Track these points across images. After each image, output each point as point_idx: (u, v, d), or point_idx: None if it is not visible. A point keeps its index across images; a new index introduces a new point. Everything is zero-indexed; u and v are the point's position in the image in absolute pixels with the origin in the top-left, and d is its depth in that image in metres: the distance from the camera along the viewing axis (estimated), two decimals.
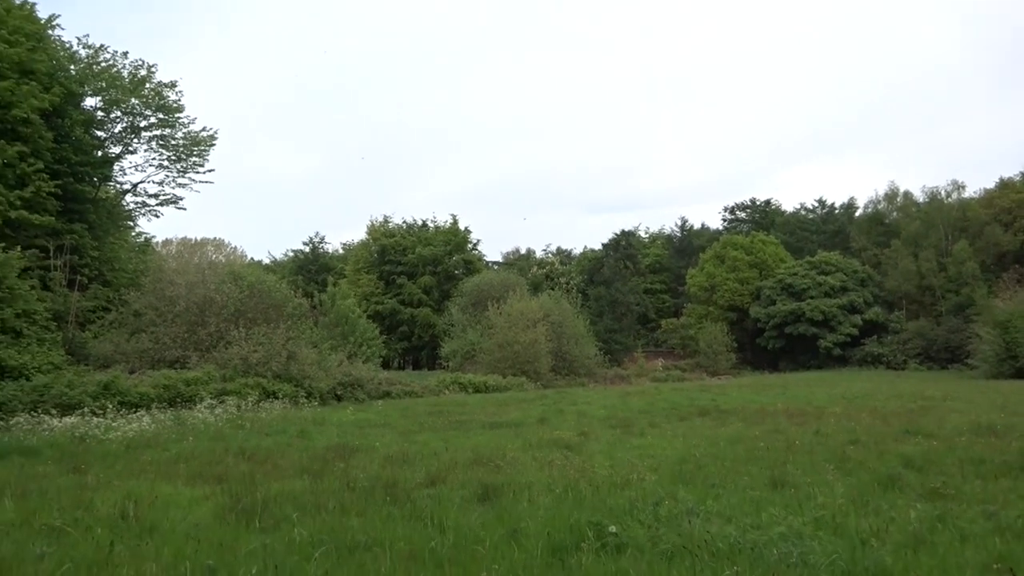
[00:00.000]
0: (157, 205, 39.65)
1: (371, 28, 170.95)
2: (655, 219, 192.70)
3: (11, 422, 16.98)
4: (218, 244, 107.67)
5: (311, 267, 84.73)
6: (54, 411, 19.02)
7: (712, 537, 5.63)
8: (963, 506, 7.16)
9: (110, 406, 20.11)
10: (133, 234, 47.93)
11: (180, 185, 38.96)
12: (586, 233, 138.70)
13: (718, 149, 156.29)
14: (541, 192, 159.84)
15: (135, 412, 20.46)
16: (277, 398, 26.29)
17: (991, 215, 65.34)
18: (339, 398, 30.46)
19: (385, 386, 34.13)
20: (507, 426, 19.22)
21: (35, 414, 18.29)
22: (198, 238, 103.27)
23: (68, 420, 16.85)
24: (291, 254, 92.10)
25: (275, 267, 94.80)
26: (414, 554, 5.31)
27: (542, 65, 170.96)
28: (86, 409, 18.82)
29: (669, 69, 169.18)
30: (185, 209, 44.88)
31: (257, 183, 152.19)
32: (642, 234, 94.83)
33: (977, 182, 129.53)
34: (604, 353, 59.77)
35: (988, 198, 68.11)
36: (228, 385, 25.75)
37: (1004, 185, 69.10)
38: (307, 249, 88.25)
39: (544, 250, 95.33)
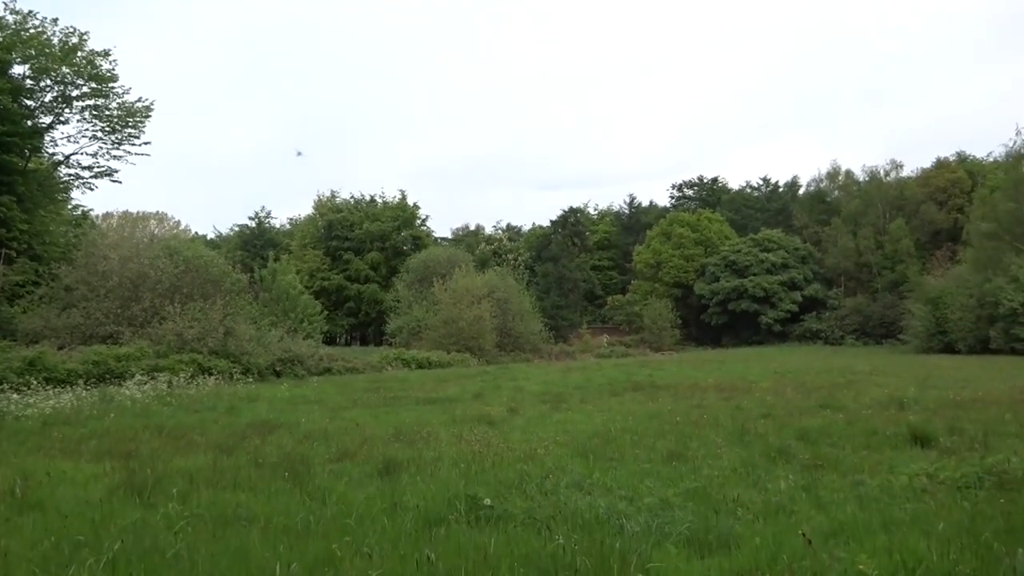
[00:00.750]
0: (91, 177, 38.53)
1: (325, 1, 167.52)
2: (607, 196, 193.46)
3: None
4: (160, 218, 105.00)
5: (256, 242, 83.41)
6: None
7: (582, 509, 5.80)
8: (835, 476, 7.48)
9: (34, 382, 19.67)
10: (70, 207, 46.66)
11: (115, 157, 37.90)
12: (539, 210, 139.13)
13: (670, 128, 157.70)
14: (494, 169, 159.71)
15: (61, 388, 20.13)
16: (213, 374, 25.96)
17: (927, 194, 67.26)
18: (278, 374, 30.24)
19: (326, 362, 33.97)
20: (441, 402, 19.32)
21: None
22: (140, 212, 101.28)
23: None
24: (236, 229, 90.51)
25: (220, 242, 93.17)
26: (287, 527, 5.37)
27: (497, 42, 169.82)
28: (5, 385, 18.38)
29: (624, 49, 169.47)
30: (120, 182, 43.81)
31: (204, 157, 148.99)
32: (591, 211, 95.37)
33: (914, 162, 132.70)
34: (550, 329, 60.19)
35: (924, 177, 70.05)
36: (161, 361, 25.35)
37: (940, 165, 71.09)
38: (252, 224, 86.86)
39: (495, 227, 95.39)
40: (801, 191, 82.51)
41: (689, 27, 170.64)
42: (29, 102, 34.79)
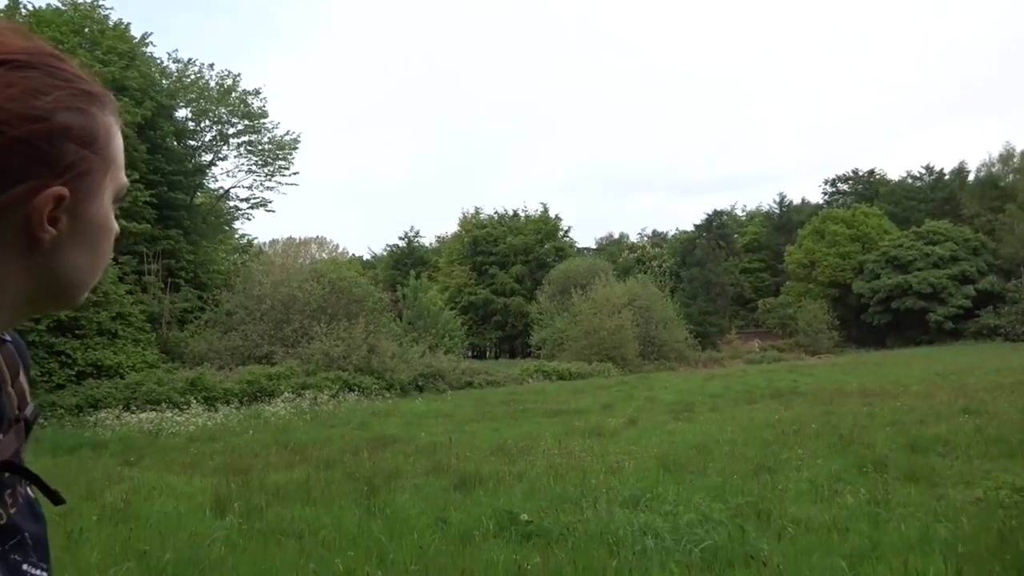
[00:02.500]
0: (249, 208, 41.57)
1: (458, 24, 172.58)
2: (757, 197, 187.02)
3: (99, 416, 18.34)
4: (321, 242, 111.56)
5: (407, 260, 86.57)
6: (147, 407, 20.48)
7: (622, 525, 5.61)
8: (920, 489, 6.83)
9: (194, 401, 21.42)
10: (237, 236, 50.33)
11: (268, 188, 40.73)
12: (686, 215, 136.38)
13: (822, 121, 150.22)
14: (639, 176, 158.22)
15: (218, 407, 21.80)
16: (358, 390, 27.24)
17: None
18: (420, 389, 31.21)
19: (467, 376, 34.73)
20: (567, 413, 19.31)
21: (127, 410, 19.72)
22: (302, 237, 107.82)
23: (147, 415, 18.01)
24: (388, 249, 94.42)
25: (375, 262, 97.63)
26: (327, 541, 5.54)
27: (632, 46, 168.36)
28: (163, 404, 20.08)
29: (769, 41, 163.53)
30: (274, 211, 47.07)
31: (360, 182, 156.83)
32: (739, 212, 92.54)
33: None
34: (697, 336, 58.78)
35: None
36: (309, 379, 26.84)
37: None
38: (403, 243, 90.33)
39: (640, 234, 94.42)
40: (970, 177, 76.20)
41: (838, 14, 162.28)
42: (192, 142, 37.99)
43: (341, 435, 15.18)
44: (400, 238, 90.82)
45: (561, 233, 78.11)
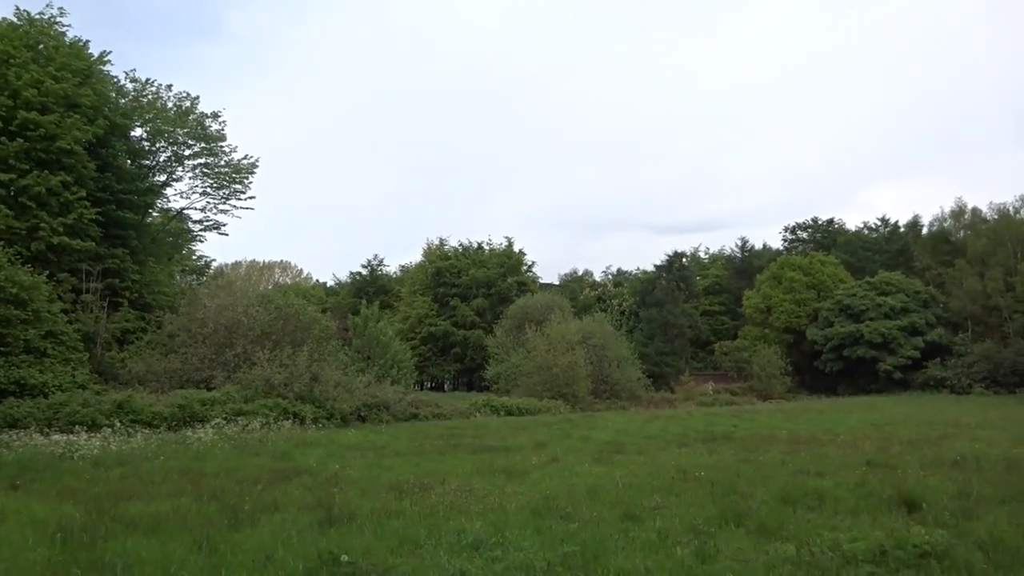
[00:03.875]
0: (201, 231, 41.24)
1: (434, 53, 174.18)
2: (724, 239, 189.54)
3: (12, 436, 17.86)
4: (285, 266, 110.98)
5: (369, 289, 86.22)
6: (70, 428, 19.98)
7: (437, 570, 5.57)
8: (756, 543, 6.88)
9: (119, 424, 20.94)
10: (194, 257, 49.76)
11: (222, 211, 40.47)
12: (654, 255, 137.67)
13: (789, 170, 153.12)
14: (610, 214, 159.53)
15: (146, 431, 21.37)
16: (297, 419, 26.87)
17: None
18: (363, 419, 30.84)
19: (413, 408, 34.43)
20: (497, 450, 19.18)
21: (43, 432, 19.22)
22: (266, 260, 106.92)
23: (58, 437, 17.58)
24: (351, 276, 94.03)
25: (338, 288, 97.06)
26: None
27: (609, 87, 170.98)
28: (81, 427, 19.63)
29: (741, 91, 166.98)
30: (227, 235, 46.53)
31: (325, 208, 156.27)
32: (702, 255, 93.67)
33: None
34: (653, 376, 59.00)
35: None
36: (246, 406, 26.41)
37: None
38: (365, 272, 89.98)
39: (604, 272, 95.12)
40: (924, 231, 77.95)
41: (806, 67, 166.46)
42: (146, 162, 37.71)
43: (254, 464, 14.96)
44: (363, 266, 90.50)
45: (524, 268, 78.45)
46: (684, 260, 77.77)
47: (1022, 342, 57.14)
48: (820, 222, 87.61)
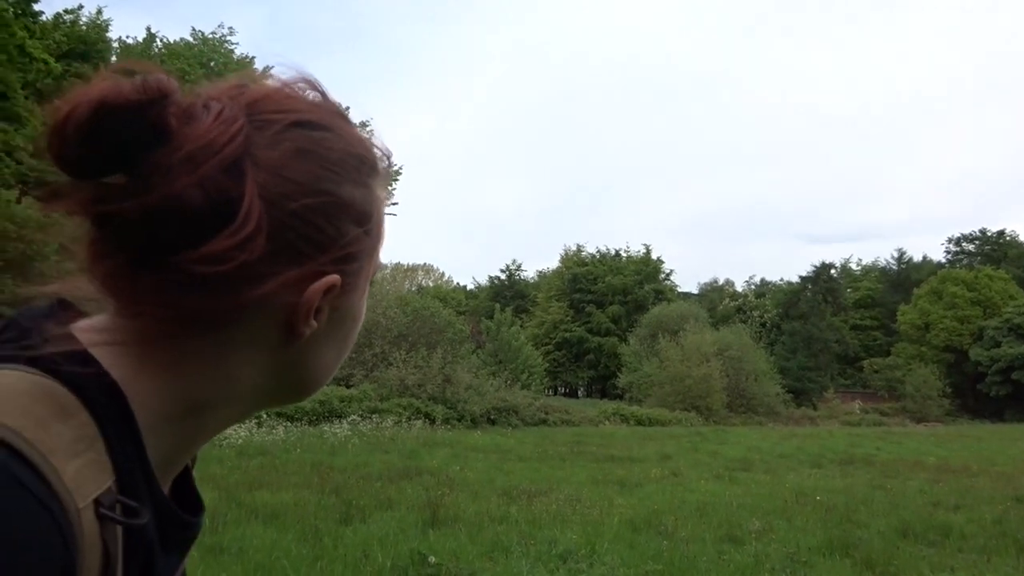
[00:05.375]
0: None
1: (582, 56, 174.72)
2: (878, 250, 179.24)
3: None
4: (427, 269, 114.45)
5: (507, 293, 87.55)
6: None
7: (514, 575, 5.60)
8: (856, 573, 6.42)
9: (264, 415, 22.35)
10: None
11: None
12: (800, 265, 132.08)
13: (951, 177, 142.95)
14: (755, 222, 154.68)
15: (291, 423, 22.75)
16: (428, 419, 27.74)
17: None
18: (492, 422, 31.39)
19: (542, 413, 34.72)
20: (620, 460, 19.06)
21: None
22: (410, 263, 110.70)
23: None
24: (490, 280, 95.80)
25: (477, 292, 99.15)
26: (262, 564, 5.81)
27: (759, 91, 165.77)
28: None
29: (901, 96, 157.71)
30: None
31: (470, 213, 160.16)
32: (853, 266, 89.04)
33: None
34: (795, 392, 56.73)
35: None
36: (381, 404, 27.51)
37: None
38: (504, 276, 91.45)
39: (746, 282, 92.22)
40: None
41: (975, 70, 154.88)
42: None
43: (382, 461, 15.54)
44: (502, 270, 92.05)
45: (662, 276, 77.32)
46: (833, 271, 74.37)
47: None
48: (989, 234, 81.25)
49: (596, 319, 73.09)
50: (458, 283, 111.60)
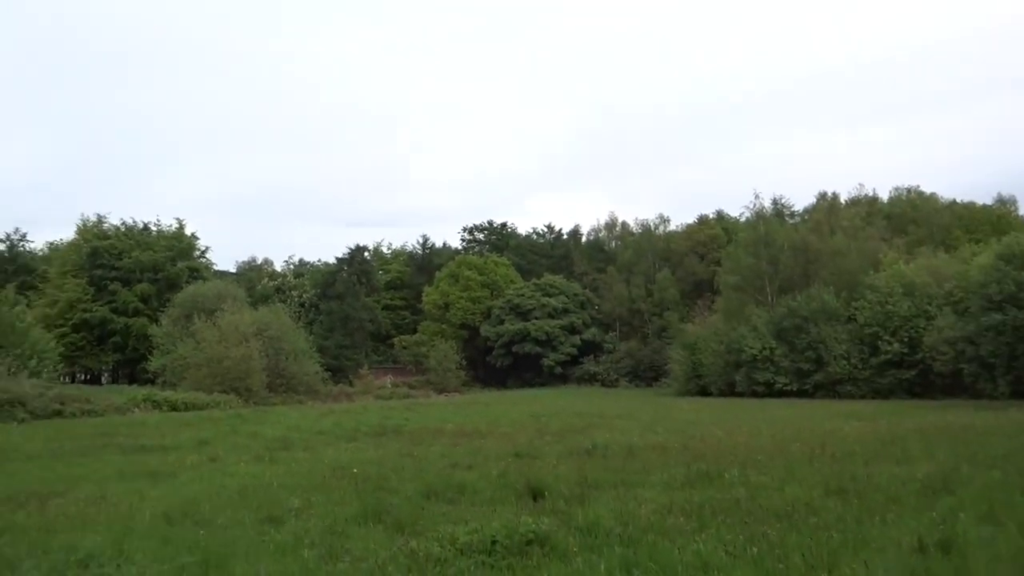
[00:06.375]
0: None
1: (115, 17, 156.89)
2: (408, 236, 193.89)
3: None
4: None
5: (8, 267, 75.18)
6: None
7: None
8: (391, 537, 7.36)
9: None
10: None
11: None
12: (338, 247, 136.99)
13: (475, 174, 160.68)
14: (294, 203, 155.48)
15: None
16: None
17: (690, 247, 72.99)
18: None
19: (57, 404, 30.92)
20: (152, 450, 17.88)
21: None
22: None
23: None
24: None
25: None
26: None
27: (300, 73, 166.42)
28: None
29: (429, 91, 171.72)
30: None
31: None
32: (384, 250, 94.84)
33: (681, 217, 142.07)
34: (333, 370, 58.72)
35: (688, 232, 76.07)
36: None
37: (702, 221, 77.52)
38: (3, 247, 78.21)
39: (286, 262, 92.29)
40: (583, 239, 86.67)
41: (495, 79, 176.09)
42: None
43: None
44: (1, 240, 78.48)
45: (197, 253, 73.51)
46: (366, 254, 78.51)
47: (658, 342, 65.83)
48: (495, 225, 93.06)
49: (122, 298, 66.63)
50: None
